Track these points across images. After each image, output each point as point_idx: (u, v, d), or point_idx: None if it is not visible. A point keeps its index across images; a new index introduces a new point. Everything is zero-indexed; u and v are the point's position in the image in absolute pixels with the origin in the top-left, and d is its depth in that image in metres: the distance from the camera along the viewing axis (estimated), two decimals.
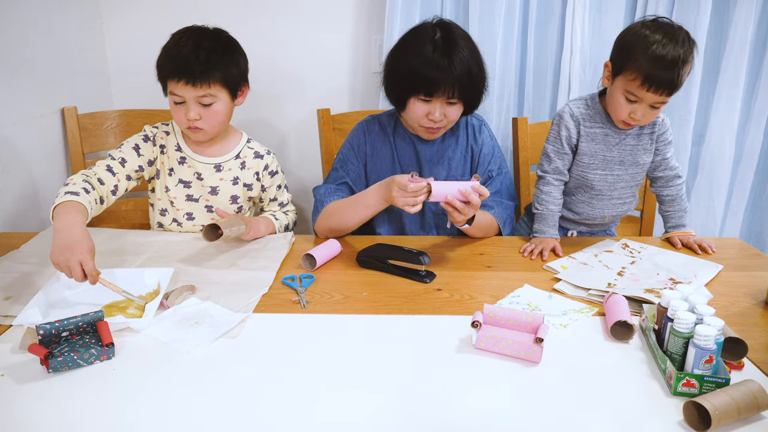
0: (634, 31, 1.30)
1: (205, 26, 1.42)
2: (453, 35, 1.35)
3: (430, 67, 1.32)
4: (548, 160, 1.47)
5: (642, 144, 1.44)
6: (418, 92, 1.35)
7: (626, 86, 1.30)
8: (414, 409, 0.83)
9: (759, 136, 1.99)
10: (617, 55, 1.33)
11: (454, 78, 1.32)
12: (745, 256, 1.41)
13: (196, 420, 0.80)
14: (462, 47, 1.34)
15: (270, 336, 1.02)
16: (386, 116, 1.55)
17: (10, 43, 1.57)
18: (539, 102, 2.05)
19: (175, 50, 1.35)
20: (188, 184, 1.49)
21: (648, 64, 1.24)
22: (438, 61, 1.31)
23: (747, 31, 1.86)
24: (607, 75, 1.36)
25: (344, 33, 2.04)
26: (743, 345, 0.92)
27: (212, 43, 1.37)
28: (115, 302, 1.11)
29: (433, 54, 1.32)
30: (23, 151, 1.62)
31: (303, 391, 0.86)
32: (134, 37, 2.00)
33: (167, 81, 1.37)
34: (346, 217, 1.40)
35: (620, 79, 1.31)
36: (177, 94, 1.36)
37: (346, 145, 1.54)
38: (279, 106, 2.11)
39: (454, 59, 1.31)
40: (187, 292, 1.14)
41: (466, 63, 1.33)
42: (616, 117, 1.38)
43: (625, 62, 1.28)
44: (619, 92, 1.32)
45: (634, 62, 1.26)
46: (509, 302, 1.14)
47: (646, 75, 1.25)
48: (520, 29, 1.97)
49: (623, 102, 1.32)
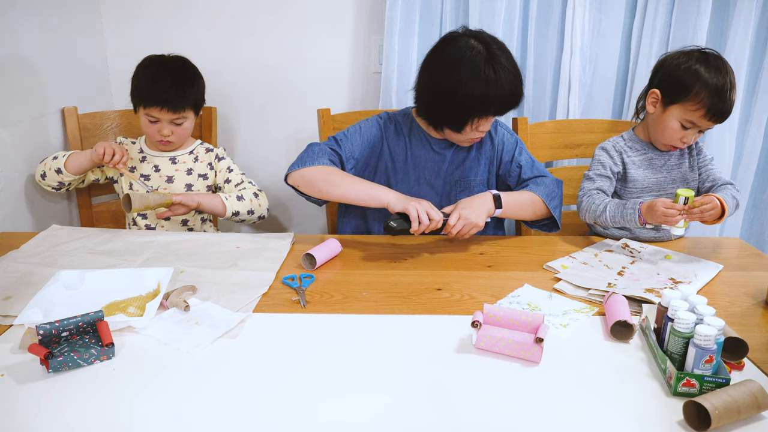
0: (686, 66, 1.39)
1: (169, 55, 1.63)
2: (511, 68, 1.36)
3: (485, 102, 1.35)
4: (591, 181, 1.51)
5: (685, 162, 1.52)
6: (472, 118, 1.38)
7: (686, 115, 1.40)
8: (414, 408, 0.83)
9: (759, 136, 1.99)
10: (671, 87, 1.42)
11: (508, 107, 1.39)
12: (745, 256, 1.41)
13: (196, 420, 0.80)
14: (513, 64, 1.37)
15: (270, 336, 1.02)
16: (401, 116, 1.55)
17: (10, 43, 1.57)
18: (539, 102, 2.05)
19: (154, 83, 1.57)
20: (147, 176, 1.67)
21: (710, 98, 1.35)
22: (493, 100, 1.35)
23: (747, 31, 1.86)
24: (654, 102, 1.46)
25: (344, 33, 2.04)
26: (743, 345, 0.92)
27: (183, 75, 1.61)
28: (116, 302, 1.11)
29: (493, 82, 1.33)
30: (23, 151, 1.62)
31: (303, 391, 0.86)
32: (134, 38, 2.00)
33: (146, 107, 1.58)
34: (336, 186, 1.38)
35: (677, 108, 1.41)
36: (152, 116, 1.58)
37: (356, 127, 1.53)
38: (279, 105, 2.11)
39: (516, 86, 1.36)
40: (188, 292, 1.14)
41: (519, 89, 1.38)
42: (665, 141, 1.46)
43: (683, 94, 1.39)
44: (674, 119, 1.42)
45: (696, 95, 1.37)
46: (509, 302, 1.14)
47: (710, 108, 1.36)
48: (520, 29, 1.97)
49: (678, 128, 1.42)
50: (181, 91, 1.57)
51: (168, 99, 1.55)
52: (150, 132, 1.62)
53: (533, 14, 1.94)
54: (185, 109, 1.60)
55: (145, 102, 1.57)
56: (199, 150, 1.73)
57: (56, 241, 1.39)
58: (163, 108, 1.56)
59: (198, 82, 1.65)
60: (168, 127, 1.60)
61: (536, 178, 1.52)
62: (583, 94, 2.00)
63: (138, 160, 1.68)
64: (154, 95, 1.56)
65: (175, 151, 1.70)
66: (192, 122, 1.65)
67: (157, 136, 1.61)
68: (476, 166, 1.53)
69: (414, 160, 1.52)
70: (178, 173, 1.68)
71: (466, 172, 1.53)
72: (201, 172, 1.70)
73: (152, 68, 1.60)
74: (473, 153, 1.53)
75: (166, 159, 1.69)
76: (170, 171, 1.68)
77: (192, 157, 1.71)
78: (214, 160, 1.72)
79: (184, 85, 1.59)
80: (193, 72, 1.65)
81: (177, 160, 1.69)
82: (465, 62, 1.34)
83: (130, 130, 1.89)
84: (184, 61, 1.65)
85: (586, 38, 1.94)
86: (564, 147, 1.89)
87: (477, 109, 1.36)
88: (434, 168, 1.52)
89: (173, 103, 1.56)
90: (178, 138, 1.64)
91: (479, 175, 1.54)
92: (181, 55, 1.65)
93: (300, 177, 1.41)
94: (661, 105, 1.44)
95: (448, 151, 1.51)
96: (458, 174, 1.52)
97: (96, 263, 1.27)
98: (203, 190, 1.70)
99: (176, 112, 1.58)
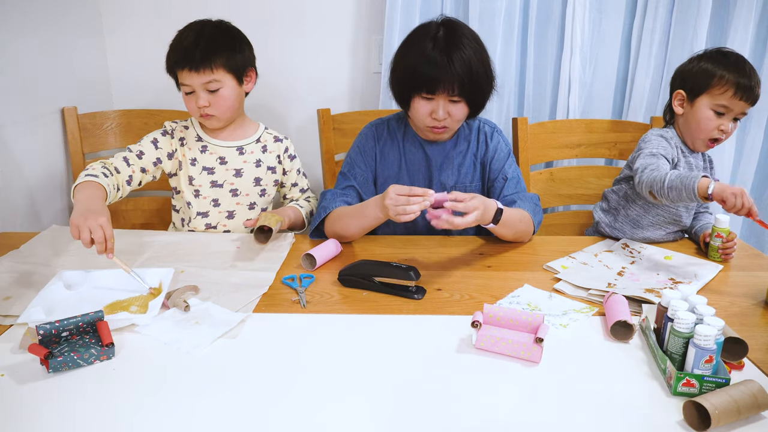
0: (703, 62, 1.44)
1: (209, 19, 1.48)
2: (456, 33, 1.34)
3: (429, 64, 1.31)
4: (653, 156, 1.40)
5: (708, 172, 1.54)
6: (420, 90, 1.35)
7: (715, 100, 1.41)
8: (414, 409, 0.83)
9: (759, 136, 1.99)
10: (692, 81, 1.45)
11: (454, 75, 1.30)
12: (745, 256, 1.41)
13: (196, 420, 0.80)
14: (465, 45, 1.32)
15: (270, 336, 1.02)
16: (395, 120, 1.54)
17: (11, 43, 1.57)
18: (539, 102, 2.05)
19: (178, 42, 1.44)
20: (212, 170, 1.53)
21: (734, 77, 1.39)
22: (437, 59, 1.30)
23: (747, 31, 1.87)
24: (680, 103, 1.48)
25: (344, 33, 2.04)
26: (743, 345, 0.92)
27: (213, 31, 1.44)
28: (117, 301, 1.11)
29: (433, 51, 1.31)
30: (23, 151, 1.62)
31: (303, 391, 0.86)
32: (134, 38, 2.00)
33: (176, 73, 1.44)
34: (347, 225, 1.38)
35: (705, 97, 1.43)
36: (185, 83, 1.43)
37: (355, 148, 1.52)
38: (279, 105, 2.11)
39: (454, 56, 1.30)
40: (190, 292, 1.14)
41: (468, 61, 1.31)
42: (703, 135, 1.45)
43: (707, 82, 1.42)
44: (705, 109, 1.43)
45: (720, 79, 1.40)
46: (509, 302, 1.14)
47: (737, 85, 1.38)
48: (520, 29, 1.97)
49: (712, 116, 1.42)
50: (204, 46, 1.40)
51: (189, 56, 1.39)
52: (190, 107, 1.47)
53: (533, 14, 1.94)
54: (214, 69, 1.41)
55: (173, 65, 1.43)
56: (266, 138, 1.59)
57: (56, 241, 1.39)
58: (185, 68, 1.40)
59: (234, 40, 1.47)
60: (203, 96, 1.43)
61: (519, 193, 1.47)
62: (583, 94, 2.00)
63: (198, 149, 1.53)
64: (177, 54, 1.42)
65: (242, 139, 1.56)
66: (233, 90, 1.46)
67: (196, 109, 1.45)
68: (472, 171, 1.52)
69: (408, 165, 1.51)
70: (247, 165, 1.54)
71: (462, 178, 1.51)
72: (270, 165, 1.57)
73: (183, 30, 1.46)
74: (469, 159, 1.51)
75: (233, 149, 1.54)
76: (238, 163, 1.54)
77: (260, 146, 1.57)
78: (283, 154, 1.60)
79: (210, 41, 1.41)
80: (229, 30, 1.48)
81: (245, 150, 1.55)
82: (413, 36, 1.38)
83: (130, 130, 1.89)
84: (221, 21, 1.48)
85: (586, 38, 1.94)
86: (564, 147, 1.89)
87: (413, 84, 1.35)
88: (428, 173, 1.50)
89: (194, 59, 1.39)
90: (219, 110, 1.46)
91: (474, 181, 1.52)
92: (223, 19, 1.50)
93: (333, 235, 1.41)
94: (688, 102, 1.46)
95: (441, 156, 1.50)
96: (453, 179, 1.51)
97: (96, 263, 1.27)
98: (271, 184, 1.59)
99: (202, 72, 1.40)
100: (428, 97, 1.35)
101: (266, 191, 1.59)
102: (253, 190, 1.57)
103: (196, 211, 1.55)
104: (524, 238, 1.45)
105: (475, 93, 1.37)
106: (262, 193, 1.58)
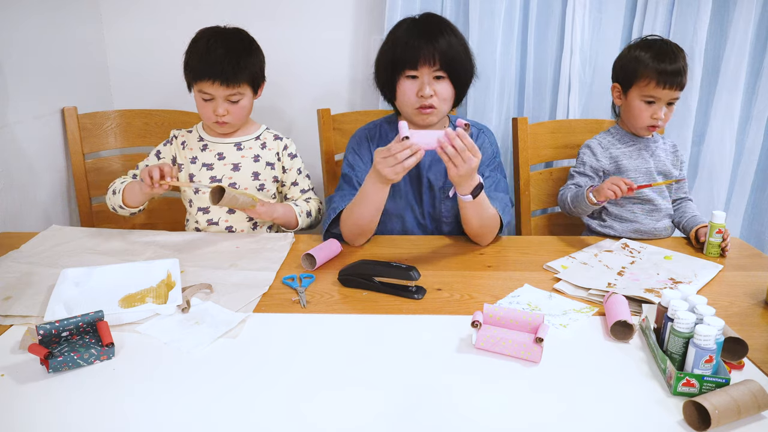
0: (630, 53, 1.53)
1: (225, 27, 1.51)
2: (434, 18, 1.40)
3: (409, 41, 1.35)
4: (570, 177, 1.62)
5: (669, 157, 1.61)
6: (403, 67, 1.37)
7: (642, 92, 1.49)
8: (414, 409, 0.83)
9: (759, 136, 1.99)
10: (622, 74, 1.54)
11: (435, 47, 1.34)
12: (745, 256, 1.41)
13: (196, 420, 0.80)
14: (443, 26, 1.37)
15: (270, 336, 1.02)
16: (386, 122, 1.55)
17: (10, 42, 1.57)
18: (539, 102, 2.05)
19: (207, 54, 1.44)
20: (210, 166, 1.56)
21: (656, 65, 1.46)
22: (416, 35, 1.35)
23: (747, 31, 1.87)
24: (617, 95, 1.58)
25: (344, 33, 2.04)
26: (743, 345, 0.92)
27: (238, 45, 1.48)
28: (131, 295, 1.12)
29: (412, 30, 1.37)
30: (23, 151, 1.62)
31: (303, 391, 0.86)
32: (134, 37, 2.00)
33: (197, 81, 1.46)
34: (360, 214, 1.36)
35: (634, 89, 1.51)
36: (208, 92, 1.46)
37: (350, 151, 1.53)
38: (279, 106, 2.11)
39: (433, 32, 1.35)
40: (205, 291, 1.14)
41: (447, 36, 1.36)
42: (640, 124, 1.53)
43: (633, 75, 1.50)
44: (636, 100, 1.51)
45: (644, 69, 1.48)
46: (509, 302, 1.14)
47: (659, 73, 1.45)
48: (520, 29, 1.97)
49: (643, 107, 1.51)
50: (235, 62, 1.44)
51: (221, 71, 1.42)
52: (204, 112, 1.50)
53: (533, 14, 1.94)
54: (240, 84, 1.46)
55: (197, 75, 1.45)
56: (266, 136, 1.62)
57: (56, 241, 1.39)
58: (215, 81, 1.43)
59: (256, 53, 1.52)
60: (223, 105, 1.47)
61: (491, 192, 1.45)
62: (583, 94, 2.00)
63: (199, 148, 1.57)
64: (206, 67, 1.43)
65: (241, 136, 1.59)
66: (249, 101, 1.52)
67: (212, 116, 1.48)
68: None
69: None
70: (245, 160, 1.57)
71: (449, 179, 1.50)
72: (269, 160, 1.59)
73: (205, 39, 1.46)
74: None
75: (231, 145, 1.57)
76: (236, 158, 1.56)
77: (259, 143, 1.59)
78: (282, 151, 1.61)
79: (239, 55, 1.45)
80: (250, 42, 1.52)
81: (243, 145, 1.58)
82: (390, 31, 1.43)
83: (130, 130, 1.89)
84: (240, 32, 1.52)
85: (586, 38, 1.94)
86: (564, 147, 1.89)
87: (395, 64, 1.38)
88: (416, 172, 1.50)
89: (226, 75, 1.43)
90: (234, 118, 1.50)
91: None
92: (239, 27, 1.53)
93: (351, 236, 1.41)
94: (623, 95, 1.56)
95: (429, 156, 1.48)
96: (441, 179, 1.50)
97: (96, 263, 1.27)
98: (270, 179, 1.60)
99: (230, 86, 1.44)
100: (412, 75, 1.37)
101: (265, 186, 1.59)
102: (251, 185, 1.57)
103: (198, 207, 1.57)
104: (488, 234, 1.41)
105: (456, 68, 1.38)
106: (261, 188, 1.59)
